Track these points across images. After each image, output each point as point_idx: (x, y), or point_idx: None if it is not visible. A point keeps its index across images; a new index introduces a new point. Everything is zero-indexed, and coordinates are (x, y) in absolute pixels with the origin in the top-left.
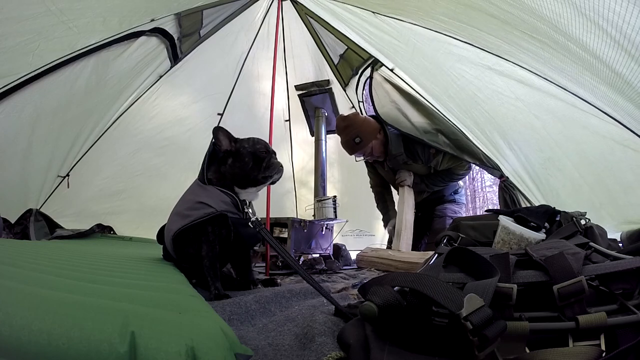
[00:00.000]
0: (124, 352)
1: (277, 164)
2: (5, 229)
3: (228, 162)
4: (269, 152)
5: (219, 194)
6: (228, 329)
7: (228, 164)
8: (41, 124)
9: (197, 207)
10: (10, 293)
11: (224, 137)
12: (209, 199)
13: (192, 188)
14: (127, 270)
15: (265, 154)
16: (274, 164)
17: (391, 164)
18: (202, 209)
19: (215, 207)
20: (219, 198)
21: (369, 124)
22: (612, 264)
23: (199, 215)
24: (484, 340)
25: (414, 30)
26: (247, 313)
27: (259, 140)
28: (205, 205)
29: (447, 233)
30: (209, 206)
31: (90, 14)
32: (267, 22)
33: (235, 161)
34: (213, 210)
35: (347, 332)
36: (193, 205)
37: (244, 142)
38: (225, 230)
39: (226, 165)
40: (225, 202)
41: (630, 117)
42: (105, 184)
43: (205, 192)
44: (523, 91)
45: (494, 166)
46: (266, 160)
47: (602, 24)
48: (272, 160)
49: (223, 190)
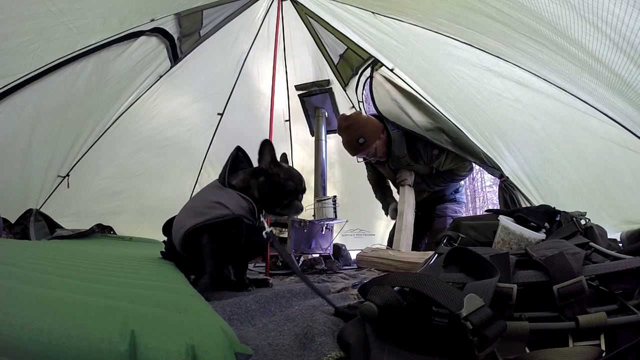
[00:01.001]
0: (124, 351)
1: (296, 207)
2: (5, 229)
3: (260, 178)
4: (297, 191)
5: (238, 198)
6: (228, 328)
7: (258, 180)
8: (41, 124)
9: (214, 206)
10: (10, 292)
11: (268, 154)
12: (227, 201)
13: (211, 188)
14: (127, 270)
15: (291, 193)
16: (294, 206)
17: (393, 165)
18: (219, 209)
19: (232, 209)
20: (237, 202)
21: (373, 123)
22: (612, 264)
23: (214, 215)
24: (484, 340)
25: (413, 31)
26: (247, 313)
27: (295, 176)
28: (223, 207)
29: (447, 233)
30: (226, 208)
31: (90, 14)
32: (267, 22)
33: (265, 183)
34: (229, 212)
35: (347, 332)
36: (210, 204)
37: (281, 170)
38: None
39: (257, 180)
40: (243, 207)
41: (630, 119)
42: (105, 184)
43: (225, 194)
44: (522, 92)
45: (495, 166)
46: (289, 199)
47: (601, 26)
48: (295, 202)
49: (242, 195)
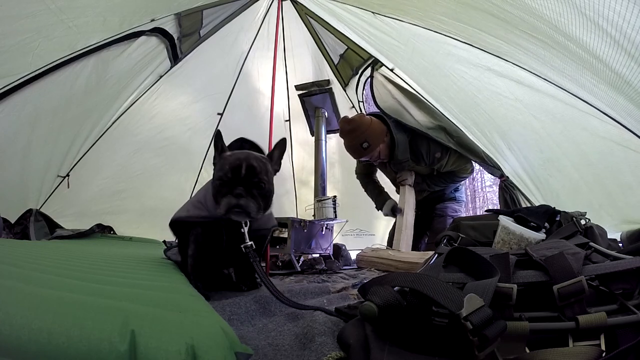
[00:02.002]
0: (124, 351)
1: (227, 205)
2: (5, 229)
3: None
4: (226, 183)
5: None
6: (228, 328)
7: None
8: (41, 123)
9: (197, 205)
10: (10, 292)
11: (216, 144)
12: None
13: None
14: (127, 269)
15: (222, 187)
16: (224, 204)
17: (395, 167)
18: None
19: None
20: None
21: (376, 126)
22: (612, 264)
23: (194, 214)
24: (484, 340)
25: (413, 31)
26: (247, 313)
27: (227, 162)
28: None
29: (447, 233)
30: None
31: (90, 13)
32: (267, 22)
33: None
34: (206, 215)
35: (347, 332)
36: (196, 203)
37: (222, 161)
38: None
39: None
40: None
41: (631, 117)
42: (105, 184)
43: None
44: (522, 92)
45: (495, 165)
46: (222, 196)
47: (602, 23)
48: (225, 199)
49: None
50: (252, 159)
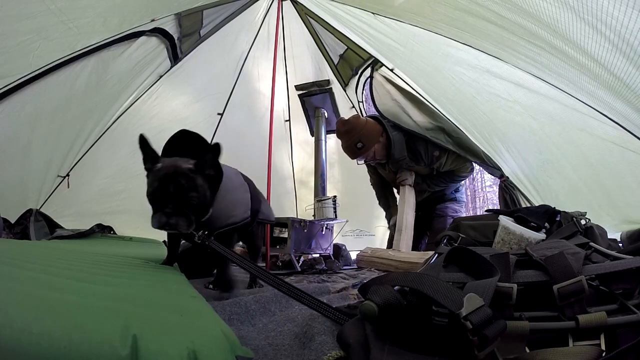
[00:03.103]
0: (125, 355)
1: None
2: (5, 229)
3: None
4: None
5: None
6: (229, 331)
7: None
8: (41, 123)
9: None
10: (10, 294)
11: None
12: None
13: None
14: (127, 270)
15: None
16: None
17: (394, 167)
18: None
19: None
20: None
21: (371, 127)
22: (612, 264)
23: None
24: (483, 339)
25: (413, 32)
26: (247, 313)
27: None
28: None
29: (447, 233)
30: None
31: (90, 14)
32: (267, 22)
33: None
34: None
35: (347, 332)
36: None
37: (151, 175)
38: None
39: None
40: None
41: (629, 120)
42: (105, 184)
43: None
44: (521, 93)
45: (495, 165)
46: (154, 209)
47: (600, 27)
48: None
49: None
50: (180, 175)
